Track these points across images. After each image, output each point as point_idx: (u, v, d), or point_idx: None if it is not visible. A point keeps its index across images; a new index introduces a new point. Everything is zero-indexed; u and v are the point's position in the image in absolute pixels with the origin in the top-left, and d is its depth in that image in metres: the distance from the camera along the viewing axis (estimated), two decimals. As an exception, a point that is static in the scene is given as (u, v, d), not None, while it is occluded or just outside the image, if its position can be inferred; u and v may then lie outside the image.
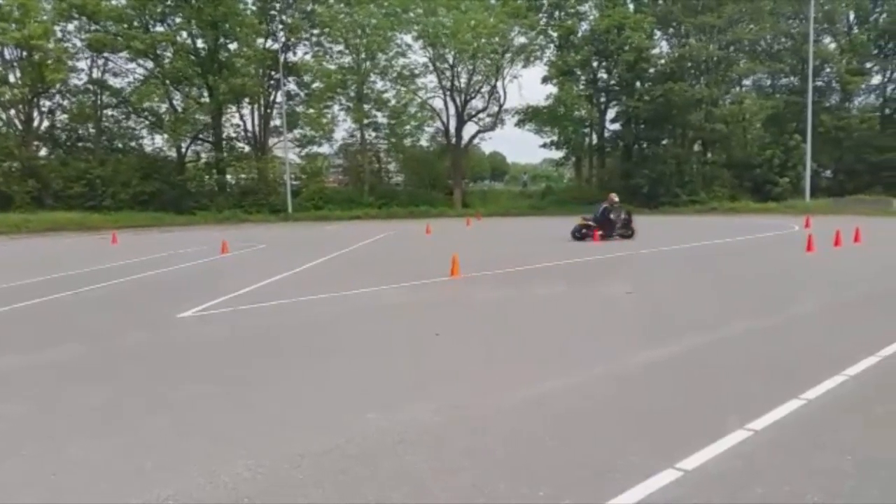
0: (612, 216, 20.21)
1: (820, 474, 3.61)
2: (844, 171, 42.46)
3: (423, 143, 50.19)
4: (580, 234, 20.05)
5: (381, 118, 46.12)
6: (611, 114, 47.09)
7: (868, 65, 43.77)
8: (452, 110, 46.89)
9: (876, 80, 45.09)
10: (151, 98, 42.92)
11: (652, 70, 43.64)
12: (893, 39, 43.87)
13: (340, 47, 44.36)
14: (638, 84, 43.93)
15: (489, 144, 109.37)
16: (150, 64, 42.03)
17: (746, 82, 46.83)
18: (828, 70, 41.70)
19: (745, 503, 3.32)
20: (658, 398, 5.04)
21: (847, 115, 42.00)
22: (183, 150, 44.74)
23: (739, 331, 7.33)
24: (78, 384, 5.77)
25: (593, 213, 20.64)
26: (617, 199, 21.00)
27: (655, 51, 44.56)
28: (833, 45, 43.24)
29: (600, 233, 19.80)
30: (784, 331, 7.43)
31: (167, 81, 41.95)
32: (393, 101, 45.48)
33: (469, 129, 48.39)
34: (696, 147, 46.93)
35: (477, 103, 47.50)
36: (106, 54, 41.08)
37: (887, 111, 45.27)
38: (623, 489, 3.43)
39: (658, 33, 44.84)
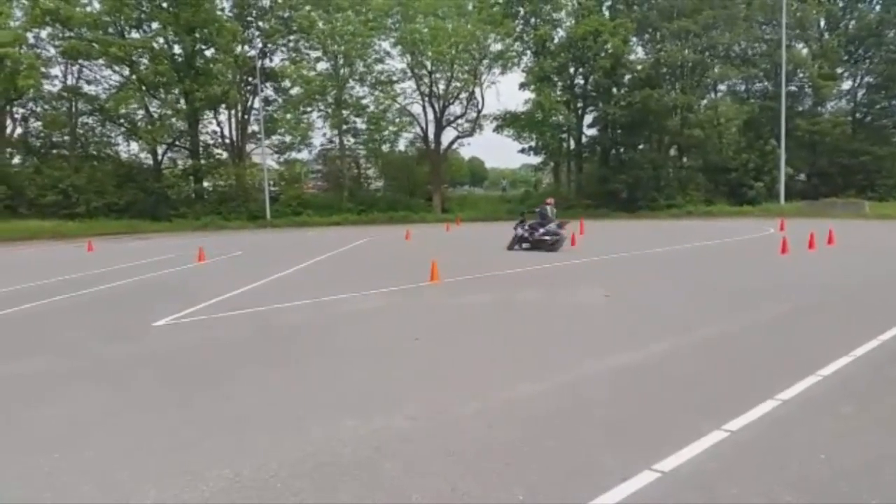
0: (542, 221, 18.60)
1: (794, 474, 3.66)
2: (818, 175, 43.08)
3: (402, 148, 50.31)
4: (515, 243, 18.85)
5: (359, 124, 46.10)
6: (588, 119, 47.43)
7: (839, 70, 44.53)
8: (431, 116, 47.03)
9: (847, 85, 45.94)
10: (127, 105, 42.38)
11: (629, 76, 44.03)
12: (863, 45, 44.68)
13: (318, 53, 44.32)
14: (615, 90, 44.28)
15: (468, 150, 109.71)
16: (126, 71, 41.59)
17: (721, 87, 47.43)
18: (800, 75, 42.33)
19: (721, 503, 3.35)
20: (635, 400, 5.07)
21: (820, 120, 42.63)
22: (159, 157, 44.29)
23: (715, 333, 7.41)
24: (47, 395, 5.69)
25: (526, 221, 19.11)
26: (552, 201, 19.79)
27: (632, 57, 44.97)
28: (805, 51, 43.92)
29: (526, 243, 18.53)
30: (758, 332, 7.52)
31: (143, 87, 41.50)
32: (372, 107, 45.47)
33: (448, 135, 48.56)
34: (673, 152, 47.45)
35: (455, 109, 47.72)
36: (81, 61, 40.57)
37: (858, 115, 46.08)
38: (601, 491, 3.46)
39: (634, 39, 45.26)
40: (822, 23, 45.60)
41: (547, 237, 18.12)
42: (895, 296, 10.11)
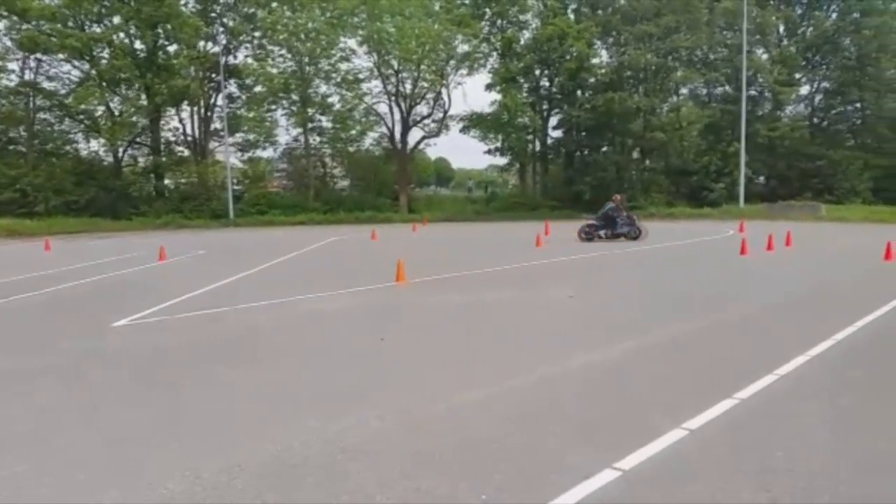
0: (614, 215, 21.57)
1: (752, 471, 3.73)
2: (777, 178, 44.02)
3: (369, 147, 50.08)
4: (587, 235, 21.59)
5: (325, 122, 45.78)
6: (553, 121, 47.85)
7: (797, 76, 45.59)
8: (398, 115, 46.92)
9: (804, 90, 47.08)
10: (87, 101, 41.43)
11: (593, 79, 44.52)
12: (820, 52, 45.84)
13: (283, 51, 43.88)
14: (579, 93, 44.77)
15: (435, 150, 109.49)
16: (86, 65, 40.70)
17: (684, 91, 48.26)
18: (760, 80, 43.23)
19: (681, 502, 3.40)
20: (597, 400, 5.13)
21: (779, 124, 43.58)
22: (120, 154, 43.47)
23: (675, 332, 7.52)
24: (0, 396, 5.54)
25: (596, 214, 22.29)
26: (619, 198, 22.69)
27: (596, 60, 45.48)
28: (765, 57, 44.85)
29: (604, 232, 21.43)
30: (718, 332, 7.66)
31: (104, 83, 40.63)
32: (338, 106, 45.19)
33: (414, 135, 48.50)
34: (636, 154, 48.08)
35: (422, 109, 47.68)
36: (39, 55, 39.54)
37: (816, 120, 47.26)
38: (563, 490, 3.49)
39: (598, 42, 45.76)
40: (781, 29, 46.65)
41: (625, 229, 21.44)
42: (850, 296, 10.37)
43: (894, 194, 39.45)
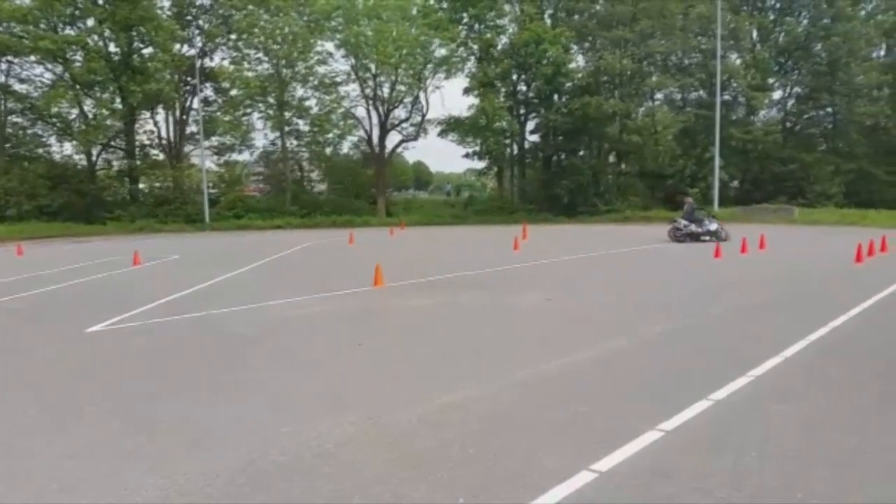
0: (699, 216, 22.29)
1: (726, 471, 3.78)
2: (751, 182, 44.53)
3: (347, 151, 49.93)
4: (678, 236, 22.25)
5: (302, 126, 45.54)
6: (531, 125, 48.00)
7: (770, 80, 46.23)
8: (375, 119, 46.73)
9: (777, 94, 47.75)
10: (60, 104, 40.77)
11: (569, 84, 44.82)
12: (792, 57, 46.54)
13: (260, 54, 43.60)
14: (556, 97, 45.02)
15: (413, 154, 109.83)
16: (58, 68, 40.07)
17: (659, 96, 48.64)
18: (734, 85, 43.75)
19: (656, 502, 3.43)
20: (573, 402, 5.16)
21: (752, 129, 44.12)
22: (94, 157, 42.88)
23: (651, 335, 7.59)
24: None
25: (683, 216, 22.76)
26: (690, 200, 23.40)
27: (572, 65, 45.74)
28: (738, 62, 45.43)
29: (689, 227, 21.98)
30: (694, 334, 7.74)
31: (77, 86, 40.05)
32: (315, 109, 44.99)
33: (392, 139, 48.35)
34: (612, 158, 48.51)
35: (400, 113, 47.56)
36: (9, 57, 38.90)
37: (788, 124, 47.95)
38: (540, 491, 3.51)
39: (575, 47, 46.07)
40: (755, 34, 47.25)
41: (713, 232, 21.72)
42: (823, 298, 10.54)
43: (865, 197, 40.19)
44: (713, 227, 21.91)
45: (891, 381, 5.67)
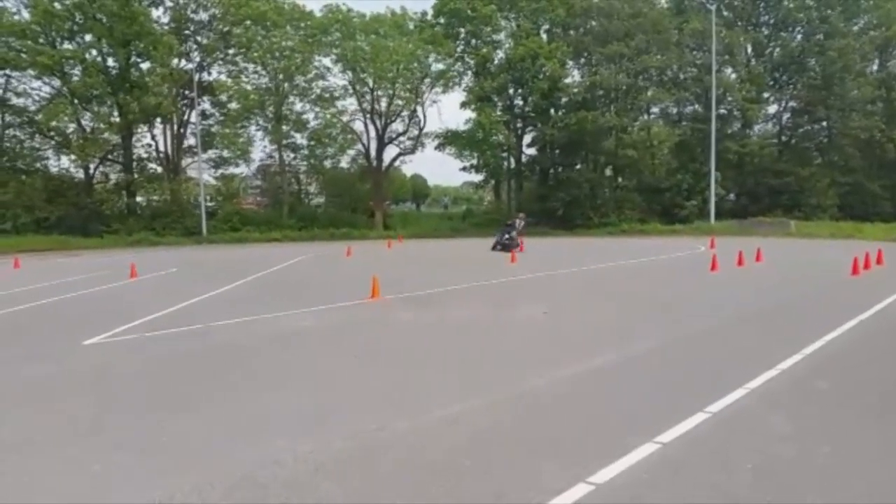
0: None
1: (722, 484, 3.80)
2: (747, 195, 44.70)
3: (344, 164, 50.10)
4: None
5: (300, 139, 45.72)
6: (527, 139, 48.33)
7: (765, 94, 46.54)
8: (373, 133, 46.97)
9: (772, 108, 48.07)
10: (58, 118, 40.86)
11: (566, 98, 45.08)
12: (787, 72, 46.89)
13: (258, 67, 43.81)
14: (553, 112, 45.28)
15: (410, 167, 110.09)
16: (56, 82, 40.19)
17: (654, 110, 48.94)
18: (729, 99, 44.04)
19: (652, 514, 3.45)
20: (571, 414, 5.18)
21: (748, 142, 44.36)
22: (91, 171, 42.94)
23: (648, 348, 7.61)
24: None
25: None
26: (523, 214, 27.61)
27: (569, 80, 46.05)
28: (733, 76, 45.73)
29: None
30: (690, 347, 7.76)
31: (75, 100, 40.15)
32: (313, 123, 45.18)
33: (390, 152, 48.61)
34: (608, 172, 48.76)
35: (397, 126, 47.80)
36: (8, 72, 39.01)
37: (784, 138, 48.23)
38: (537, 505, 3.51)
39: (571, 62, 46.36)
40: (749, 49, 47.60)
41: (505, 241, 25.32)
42: (818, 311, 10.58)
43: (860, 210, 40.43)
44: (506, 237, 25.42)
45: (886, 395, 5.70)
